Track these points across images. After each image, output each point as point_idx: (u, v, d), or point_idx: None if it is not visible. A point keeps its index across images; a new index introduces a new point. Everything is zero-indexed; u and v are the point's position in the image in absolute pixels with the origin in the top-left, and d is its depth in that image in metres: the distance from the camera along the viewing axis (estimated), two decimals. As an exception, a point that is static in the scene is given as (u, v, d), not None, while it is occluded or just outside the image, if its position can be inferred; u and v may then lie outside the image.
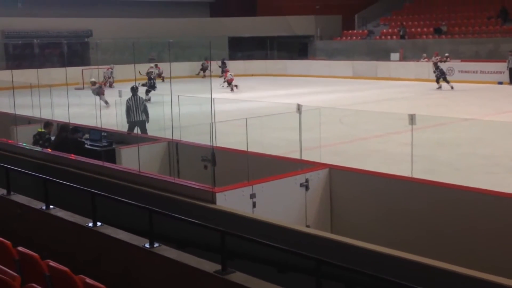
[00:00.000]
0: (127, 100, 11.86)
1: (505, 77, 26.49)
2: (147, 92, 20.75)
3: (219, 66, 30.70)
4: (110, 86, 27.36)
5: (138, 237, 4.66)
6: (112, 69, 28.69)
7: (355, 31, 37.31)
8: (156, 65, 26.86)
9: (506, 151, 12.33)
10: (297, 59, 36.51)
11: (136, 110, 11.82)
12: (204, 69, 32.24)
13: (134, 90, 12.15)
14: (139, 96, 12.17)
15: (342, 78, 30.89)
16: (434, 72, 25.07)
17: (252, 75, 33.45)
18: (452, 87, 24.14)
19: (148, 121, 12.14)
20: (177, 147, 8.62)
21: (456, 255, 5.42)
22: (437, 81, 24.78)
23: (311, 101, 19.04)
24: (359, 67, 32.10)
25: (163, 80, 26.33)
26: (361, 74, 31.18)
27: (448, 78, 28.12)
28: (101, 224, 4.96)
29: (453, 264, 4.05)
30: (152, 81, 22.80)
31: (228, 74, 26.31)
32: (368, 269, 3.39)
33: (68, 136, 9.27)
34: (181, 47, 32.52)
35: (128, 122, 12.00)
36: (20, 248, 4.30)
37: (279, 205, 6.11)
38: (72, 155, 7.76)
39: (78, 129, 9.75)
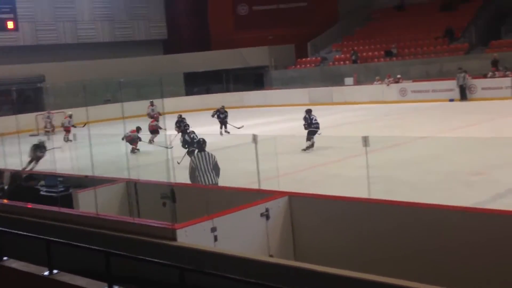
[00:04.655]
0: (191, 159, 9.44)
1: (456, 94, 27.20)
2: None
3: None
4: (52, 131, 26.44)
5: (96, 281, 4.55)
6: (50, 114, 27.98)
7: (309, 58, 37.91)
8: (151, 103, 25.97)
9: (461, 166, 12.58)
10: (254, 90, 36.81)
11: (206, 171, 9.12)
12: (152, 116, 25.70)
13: (201, 145, 9.64)
14: (207, 152, 9.38)
15: (299, 106, 31.15)
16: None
17: (210, 109, 33.49)
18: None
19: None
20: (135, 186, 8.50)
21: (419, 272, 5.44)
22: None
23: (270, 130, 19.21)
24: (315, 94, 32.52)
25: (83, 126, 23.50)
26: (317, 100, 31.57)
27: (402, 98, 28.83)
28: (58, 272, 4.83)
29: (417, 281, 4.06)
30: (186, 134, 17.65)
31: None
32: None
33: (22, 184, 9.06)
34: (135, 86, 32.37)
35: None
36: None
37: (240, 237, 6.07)
38: (29, 204, 7.58)
39: (32, 177, 9.54)
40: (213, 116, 21.97)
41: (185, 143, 15.60)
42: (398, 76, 30.23)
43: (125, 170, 7.99)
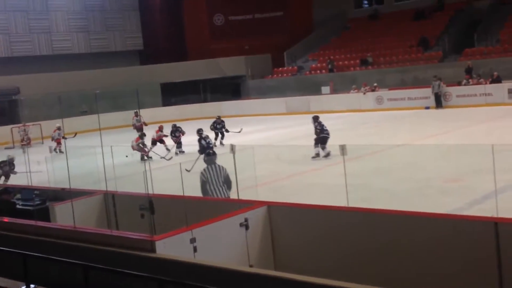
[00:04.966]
0: (201, 173, 8.94)
1: (431, 102, 27.52)
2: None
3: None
4: (28, 144, 25.83)
5: (74, 295, 4.50)
6: (25, 126, 27.51)
7: (285, 68, 38.08)
8: (136, 113, 25.48)
9: (438, 173, 12.71)
10: (231, 100, 36.78)
11: (217, 184, 8.69)
12: (137, 127, 25.73)
13: (210, 158, 9.10)
14: (218, 165, 8.90)
15: (276, 115, 31.32)
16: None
17: (187, 120, 33.44)
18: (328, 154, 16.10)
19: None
20: (113, 198, 8.44)
21: (399, 279, 5.49)
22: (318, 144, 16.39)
23: (247, 140, 19.20)
24: (292, 103, 32.66)
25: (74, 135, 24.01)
26: (294, 109, 31.71)
27: (378, 106, 29.07)
28: (35, 286, 4.77)
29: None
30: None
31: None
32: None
33: (-3, 197, 8.94)
34: (112, 97, 32.14)
35: None
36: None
37: (220, 247, 6.05)
38: (5, 218, 7.47)
39: (7, 190, 9.42)
40: (212, 129, 21.32)
41: (202, 149, 15.82)
42: (375, 84, 30.51)
43: (102, 182, 7.93)
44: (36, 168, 11.10)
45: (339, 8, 39.91)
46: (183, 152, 20.25)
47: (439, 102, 27.25)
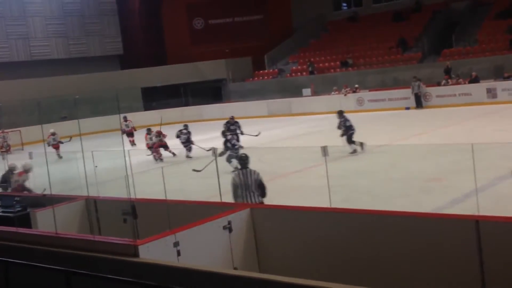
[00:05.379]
0: (233, 178, 8.52)
1: (412, 102, 27.76)
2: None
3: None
4: (7, 151, 25.26)
5: (57, 302, 4.46)
6: (4, 133, 27.23)
7: (266, 70, 38.15)
8: (125, 117, 24.53)
9: (419, 173, 12.81)
10: (212, 103, 36.77)
11: (248, 189, 8.29)
12: (126, 132, 25.39)
13: (243, 162, 8.67)
14: (251, 170, 8.53)
15: (258, 118, 31.34)
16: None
17: (168, 124, 33.33)
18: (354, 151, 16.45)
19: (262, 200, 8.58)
20: (95, 203, 8.38)
21: (383, 279, 5.52)
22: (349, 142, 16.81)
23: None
24: (273, 106, 32.72)
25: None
26: (276, 112, 31.78)
27: (359, 107, 29.18)
28: (17, 294, 4.72)
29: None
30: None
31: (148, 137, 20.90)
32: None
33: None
34: (92, 102, 31.92)
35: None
36: None
37: (204, 250, 6.04)
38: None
39: (-13, 197, 9.30)
40: (224, 132, 18.85)
41: (227, 149, 15.52)
42: (356, 86, 30.69)
43: (84, 188, 7.87)
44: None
45: (318, 10, 40.10)
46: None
47: (419, 102, 27.48)
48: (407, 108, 27.81)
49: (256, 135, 19.17)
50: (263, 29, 40.56)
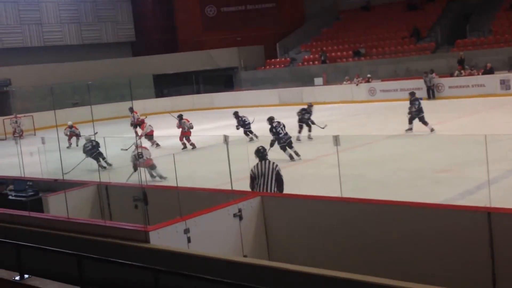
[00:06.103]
0: (251, 169, 8.29)
1: (424, 93, 27.52)
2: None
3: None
4: (20, 136, 25.34)
5: (68, 285, 4.50)
6: (17, 118, 27.36)
7: (278, 59, 38.02)
8: (131, 109, 23.08)
9: (429, 163, 12.76)
10: (224, 91, 36.74)
11: (265, 182, 8.07)
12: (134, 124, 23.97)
13: (261, 154, 8.48)
14: (269, 161, 8.33)
15: (269, 107, 31.26)
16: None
17: (180, 111, 33.35)
18: (432, 129, 16.89)
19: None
20: (107, 189, 8.43)
21: (394, 268, 5.51)
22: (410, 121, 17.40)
23: (240, 132, 19.15)
24: (284, 94, 32.63)
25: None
26: (287, 101, 31.68)
27: (371, 97, 29.02)
28: (29, 276, 4.76)
29: (390, 278, 4.11)
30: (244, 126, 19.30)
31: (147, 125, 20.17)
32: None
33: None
34: (104, 89, 31.96)
35: None
36: None
37: (214, 238, 6.06)
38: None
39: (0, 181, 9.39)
40: (300, 119, 17.97)
41: (277, 139, 14.88)
42: (368, 75, 30.52)
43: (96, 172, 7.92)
44: (29, 160, 11.05)
45: (331, -1, 39.87)
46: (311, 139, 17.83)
47: (431, 93, 27.29)
48: (420, 99, 27.58)
49: (323, 128, 17.50)
50: (275, 18, 40.38)
